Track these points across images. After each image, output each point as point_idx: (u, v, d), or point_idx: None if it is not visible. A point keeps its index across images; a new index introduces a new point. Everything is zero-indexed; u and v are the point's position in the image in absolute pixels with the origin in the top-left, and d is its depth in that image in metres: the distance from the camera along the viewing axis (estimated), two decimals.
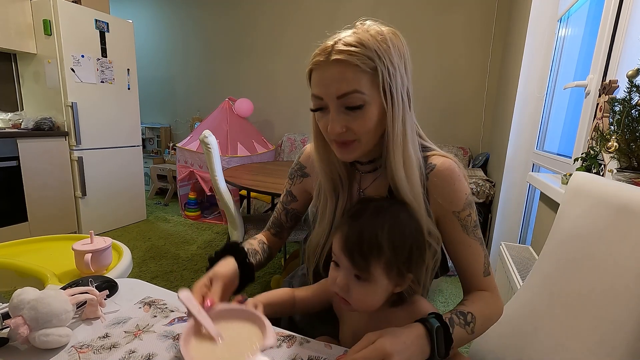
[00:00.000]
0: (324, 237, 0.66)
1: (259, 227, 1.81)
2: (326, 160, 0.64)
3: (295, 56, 3.48)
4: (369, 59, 0.51)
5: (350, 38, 0.52)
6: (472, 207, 0.61)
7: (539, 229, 1.36)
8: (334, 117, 0.55)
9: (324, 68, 0.53)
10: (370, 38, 0.52)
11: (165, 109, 4.33)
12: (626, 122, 0.74)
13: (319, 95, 0.55)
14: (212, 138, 1.66)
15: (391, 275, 0.50)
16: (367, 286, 0.50)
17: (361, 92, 0.52)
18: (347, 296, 0.51)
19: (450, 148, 2.91)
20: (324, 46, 0.54)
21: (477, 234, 0.61)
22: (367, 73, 0.52)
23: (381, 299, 0.52)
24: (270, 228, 0.81)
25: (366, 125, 0.55)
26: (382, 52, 0.52)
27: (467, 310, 0.56)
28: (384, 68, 0.52)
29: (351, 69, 0.52)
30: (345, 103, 0.53)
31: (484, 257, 0.62)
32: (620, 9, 1.06)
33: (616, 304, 0.47)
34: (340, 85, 0.52)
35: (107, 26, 2.67)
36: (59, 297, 0.53)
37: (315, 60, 0.54)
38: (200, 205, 3.30)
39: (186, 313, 0.53)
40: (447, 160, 0.61)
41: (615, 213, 0.53)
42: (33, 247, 1.11)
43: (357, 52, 0.51)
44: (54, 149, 2.48)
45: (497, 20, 2.74)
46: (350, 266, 0.50)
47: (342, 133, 0.55)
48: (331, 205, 0.66)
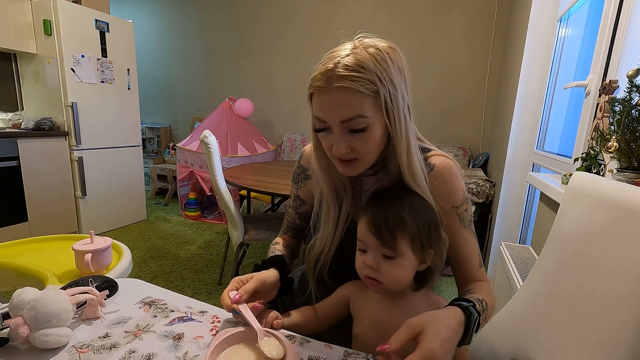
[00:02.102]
0: (328, 244, 0.67)
1: (259, 227, 1.81)
2: (328, 172, 0.65)
3: (295, 56, 3.48)
4: (371, 83, 0.52)
5: (349, 60, 0.52)
6: (469, 202, 0.65)
7: (539, 229, 1.36)
8: (338, 139, 0.56)
9: (326, 94, 0.53)
10: (369, 59, 0.52)
11: (165, 109, 4.33)
12: (626, 122, 0.74)
13: (322, 119, 0.56)
14: (212, 138, 1.66)
15: (415, 249, 0.54)
16: (396, 262, 0.54)
17: (365, 116, 0.53)
18: (377, 275, 0.54)
19: (450, 148, 2.91)
20: (323, 69, 0.53)
21: (472, 228, 0.65)
22: (370, 97, 0.52)
23: (409, 276, 0.55)
24: (287, 232, 0.82)
25: (370, 145, 0.56)
26: (382, 73, 0.52)
27: (482, 298, 0.58)
28: (386, 91, 0.53)
29: (354, 95, 0.52)
30: (349, 126, 0.54)
31: (478, 249, 0.65)
32: (621, 9, 1.06)
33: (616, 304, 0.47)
34: (343, 111, 0.53)
35: (107, 26, 2.67)
36: (59, 297, 0.53)
37: (317, 85, 0.54)
38: (200, 205, 3.30)
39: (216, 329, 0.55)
40: (446, 159, 0.64)
41: (615, 213, 0.53)
42: (33, 247, 1.11)
43: (359, 77, 0.51)
44: (54, 149, 2.48)
45: (497, 20, 2.74)
46: (378, 245, 0.53)
47: (347, 153, 0.57)
48: (334, 214, 0.67)
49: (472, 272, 0.65)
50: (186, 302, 0.66)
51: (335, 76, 0.52)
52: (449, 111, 3.01)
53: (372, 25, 3.10)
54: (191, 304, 0.65)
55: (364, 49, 0.53)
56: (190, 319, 0.60)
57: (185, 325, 0.58)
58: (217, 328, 0.58)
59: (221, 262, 2.16)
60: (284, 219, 0.83)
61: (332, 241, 0.67)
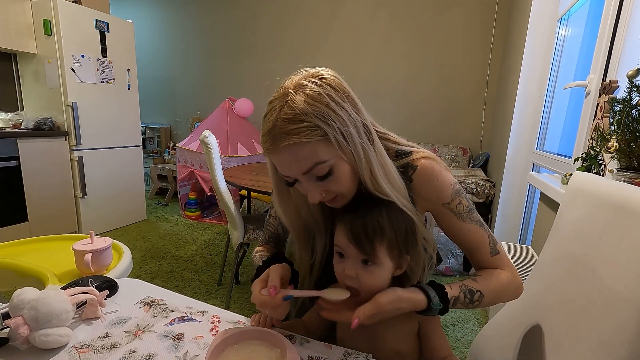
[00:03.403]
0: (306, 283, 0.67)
1: (259, 227, 1.81)
2: (295, 216, 0.64)
3: (295, 56, 3.48)
4: (315, 128, 0.49)
5: (286, 112, 0.50)
6: (461, 194, 0.62)
7: (539, 229, 1.36)
8: (309, 188, 0.55)
9: (277, 154, 0.52)
10: (305, 102, 0.49)
11: (165, 109, 4.33)
12: (626, 122, 0.74)
13: (285, 174, 0.55)
14: (212, 138, 1.66)
15: (393, 255, 0.55)
16: (374, 269, 0.54)
17: (323, 161, 0.51)
18: (356, 284, 0.54)
19: (450, 148, 2.91)
20: (266, 128, 0.52)
21: (473, 217, 0.63)
22: (320, 141, 0.50)
23: (386, 281, 0.56)
24: (268, 242, 0.78)
25: (342, 183, 0.55)
26: (324, 111, 0.49)
27: (477, 288, 0.58)
28: (333, 129, 0.50)
29: (303, 148, 0.50)
30: (313, 174, 0.53)
31: (488, 237, 0.63)
32: (621, 9, 1.06)
33: (617, 304, 0.47)
34: (299, 165, 0.52)
35: (107, 26, 2.67)
36: (59, 297, 0.53)
37: (267, 148, 0.53)
38: (200, 205, 3.30)
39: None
40: (426, 160, 0.62)
41: (615, 213, 0.53)
42: (33, 247, 1.11)
43: (301, 128, 0.49)
44: (54, 149, 2.48)
45: (497, 20, 2.74)
46: (357, 253, 0.53)
47: (323, 197, 0.56)
48: (307, 259, 0.66)
49: (484, 262, 0.63)
50: (186, 302, 0.66)
51: (279, 135, 0.50)
52: (449, 111, 3.01)
53: (372, 25, 3.10)
54: (191, 304, 0.65)
55: (298, 93, 0.50)
56: (190, 319, 0.60)
57: (185, 325, 0.58)
58: (217, 328, 0.58)
59: (221, 262, 2.16)
60: (265, 229, 0.78)
61: (308, 283, 0.67)
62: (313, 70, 0.54)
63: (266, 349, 0.52)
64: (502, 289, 0.61)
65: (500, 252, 0.64)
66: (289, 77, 0.54)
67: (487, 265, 0.63)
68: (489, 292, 0.59)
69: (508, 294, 0.62)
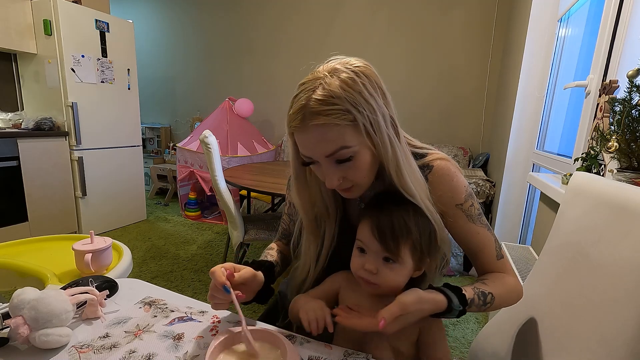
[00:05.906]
0: (310, 277, 0.68)
1: (259, 227, 1.81)
2: (309, 202, 0.65)
3: (295, 56, 3.48)
4: (346, 112, 0.50)
5: (320, 93, 0.50)
6: (473, 197, 0.64)
7: (539, 229, 1.36)
8: (327, 172, 0.55)
9: (305, 133, 0.53)
10: (340, 87, 0.50)
11: (165, 109, 4.33)
12: (626, 122, 0.74)
13: (307, 155, 0.56)
14: (212, 138, 1.66)
15: (415, 256, 0.55)
16: (395, 267, 0.55)
17: (348, 146, 0.52)
18: (375, 279, 0.55)
19: (450, 148, 2.91)
20: (297, 106, 0.52)
21: (482, 220, 0.64)
22: (349, 126, 0.51)
23: (405, 281, 0.56)
24: (282, 238, 0.81)
25: (361, 172, 0.56)
26: (356, 99, 0.51)
27: (488, 290, 0.58)
28: (363, 116, 0.51)
29: (332, 129, 0.51)
30: (335, 158, 0.54)
31: (494, 241, 0.64)
32: (621, 9, 1.06)
33: (616, 304, 0.47)
34: (325, 145, 0.52)
35: (107, 26, 2.67)
36: (59, 297, 0.53)
37: (294, 125, 0.53)
38: (200, 205, 3.30)
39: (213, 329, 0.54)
40: (442, 161, 0.63)
41: (615, 213, 0.53)
42: (33, 247, 1.11)
43: (332, 109, 0.50)
44: (54, 149, 2.48)
45: (497, 20, 2.74)
46: (380, 250, 0.54)
47: (340, 184, 0.57)
48: (314, 249, 0.67)
49: (489, 266, 0.64)
50: (186, 302, 0.66)
51: (309, 114, 0.51)
52: (449, 111, 3.01)
53: (372, 25, 3.10)
54: (191, 304, 0.65)
55: (333, 77, 0.51)
56: (190, 319, 0.60)
57: (185, 325, 0.58)
58: (217, 328, 0.58)
59: (221, 262, 2.14)
60: (279, 225, 0.82)
61: (313, 272, 0.67)
62: (347, 58, 0.56)
63: (266, 349, 0.52)
64: (508, 293, 0.61)
65: (504, 257, 0.65)
66: (323, 63, 0.56)
67: (491, 269, 0.64)
68: (497, 296, 0.59)
69: (512, 299, 0.62)
